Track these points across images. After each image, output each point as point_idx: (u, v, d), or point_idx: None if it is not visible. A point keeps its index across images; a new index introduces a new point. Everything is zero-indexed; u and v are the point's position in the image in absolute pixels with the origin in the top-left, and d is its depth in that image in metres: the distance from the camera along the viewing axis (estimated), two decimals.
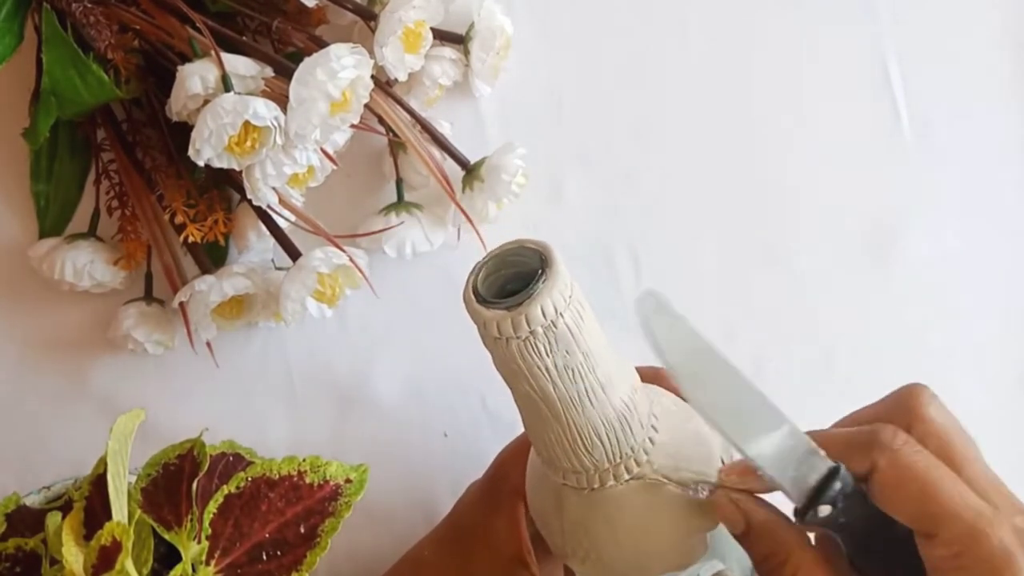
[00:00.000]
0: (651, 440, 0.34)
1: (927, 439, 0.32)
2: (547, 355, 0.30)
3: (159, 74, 0.47)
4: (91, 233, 0.49)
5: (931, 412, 0.33)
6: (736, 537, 0.34)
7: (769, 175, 0.53)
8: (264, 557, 0.37)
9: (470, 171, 0.49)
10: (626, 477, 0.33)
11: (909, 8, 0.54)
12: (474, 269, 0.32)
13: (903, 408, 0.33)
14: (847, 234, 0.53)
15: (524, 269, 0.31)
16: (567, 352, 0.30)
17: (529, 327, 0.29)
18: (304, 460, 0.39)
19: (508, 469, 0.44)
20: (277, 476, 0.39)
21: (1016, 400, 0.54)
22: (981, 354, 0.54)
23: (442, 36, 0.49)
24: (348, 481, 0.39)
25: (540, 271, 0.30)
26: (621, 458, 0.33)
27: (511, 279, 0.32)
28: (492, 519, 0.43)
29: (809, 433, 0.33)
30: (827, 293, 0.53)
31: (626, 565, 0.35)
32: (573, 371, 0.31)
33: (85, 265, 0.47)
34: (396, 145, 0.50)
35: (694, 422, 0.36)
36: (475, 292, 0.32)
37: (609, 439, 0.32)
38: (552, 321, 0.29)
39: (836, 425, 0.35)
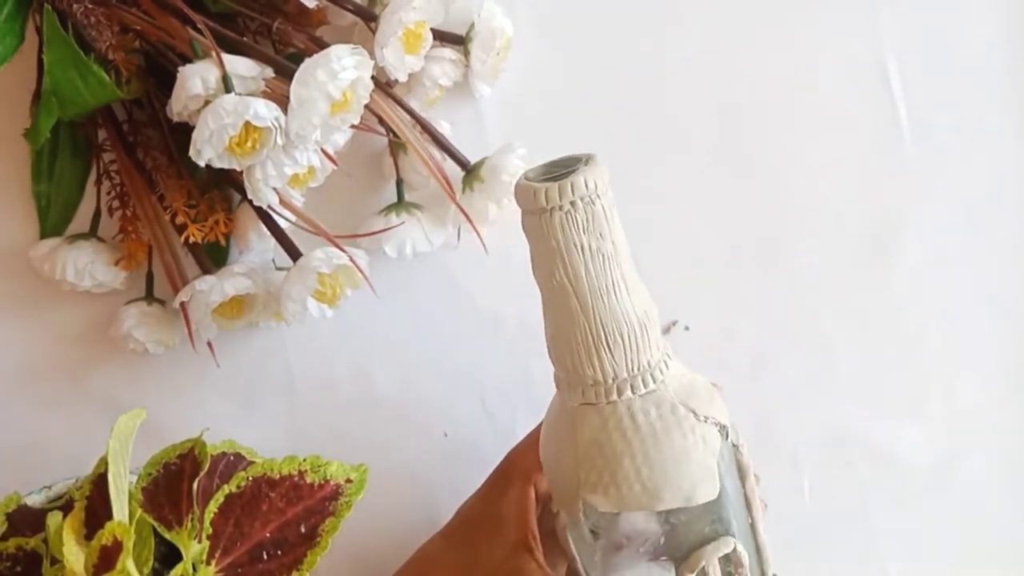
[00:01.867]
0: (666, 363, 0.36)
1: None
2: (584, 232, 0.33)
3: (160, 75, 0.47)
4: (92, 233, 0.49)
5: None
6: None
7: (769, 175, 0.53)
8: (265, 556, 0.37)
9: (470, 171, 0.49)
10: (643, 390, 0.35)
11: (909, 8, 0.54)
12: (525, 172, 0.35)
13: None
14: (847, 234, 0.53)
15: (571, 169, 0.34)
16: (600, 235, 0.33)
17: (572, 194, 0.33)
18: (305, 460, 0.39)
19: (518, 457, 0.44)
20: (278, 476, 0.39)
21: (1016, 400, 0.55)
22: (981, 354, 0.54)
23: (442, 37, 0.49)
24: (348, 481, 0.39)
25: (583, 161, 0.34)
26: (639, 369, 0.35)
27: (558, 177, 0.34)
28: (499, 505, 0.43)
29: None
30: (827, 293, 0.53)
31: (640, 487, 0.35)
32: (604, 257, 0.34)
33: (86, 265, 0.47)
34: (396, 145, 0.50)
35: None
36: (525, 177, 0.35)
37: (630, 342, 0.34)
38: (591, 197, 0.33)
39: None
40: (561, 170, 0.35)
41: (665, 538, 0.36)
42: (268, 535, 0.37)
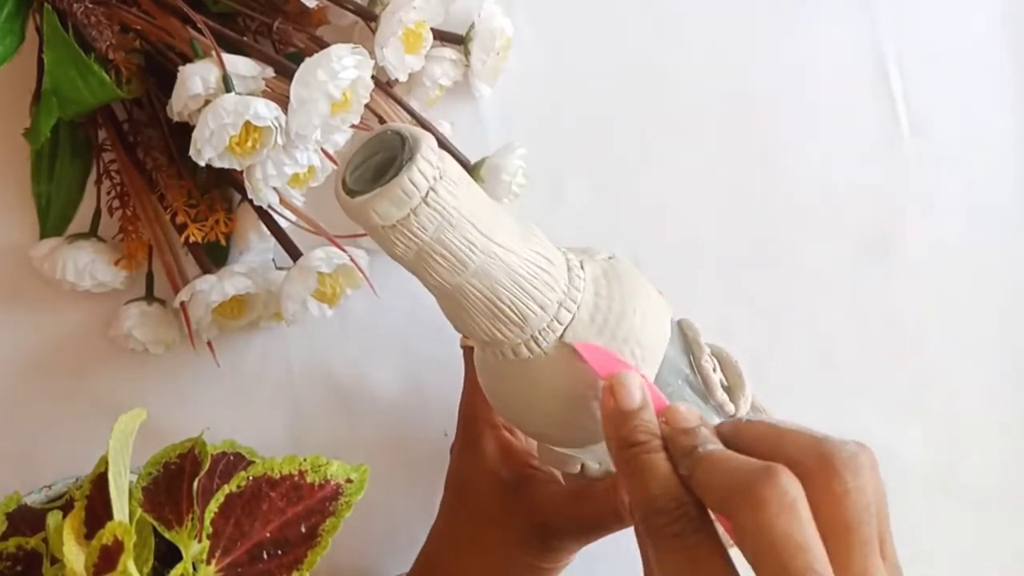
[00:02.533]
0: (567, 308, 0.34)
1: (834, 504, 0.28)
2: (429, 230, 0.30)
3: (160, 74, 0.47)
4: (92, 233, 0.49)
5: (860, 481, 0.28)
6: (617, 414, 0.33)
7: (769, 175, 0.53)
8: (265, 556, 0.37)
9: (470, 171, 0.49)
10: (578, 296, 0.34)
11: (909, 8, 0.54)
12: (338, 174, 0.31)
13: (837, 460, 0.28)
14: (847, 234, 0.53)
15: (385, 157, 0.31)
16: (451, 224, 0.30)
17: (420, 191, 0.29)
18: (305, 460, 0.39)
19: (472, 410, 0.45)
20: (278, 475, 0.39)
21: (1016, 400, 0.55)
22: (981, 354, 0.54)
23: (442, 37, 0.49)
24: (349, 481, 0.39)
25: (402, 143, 0.30)
26: (566, 293, 0.33)
27: (382, 165, 0.31)
28: (480, 458, 0.44)
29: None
30: (827, 292, 0.53)
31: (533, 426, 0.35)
32: (464, 241, 0.31)
33: (86, 265, 0.47)
34: None
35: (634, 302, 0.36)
36: (344, 187, 0.31)
37: (548, 279, 0.33)
38: (423, 199, 0.29)
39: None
40: (366, 161, 0.31)
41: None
42: (268, 535, 0.37)
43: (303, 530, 0.38)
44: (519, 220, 0.33)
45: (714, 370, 0.38)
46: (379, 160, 0.31)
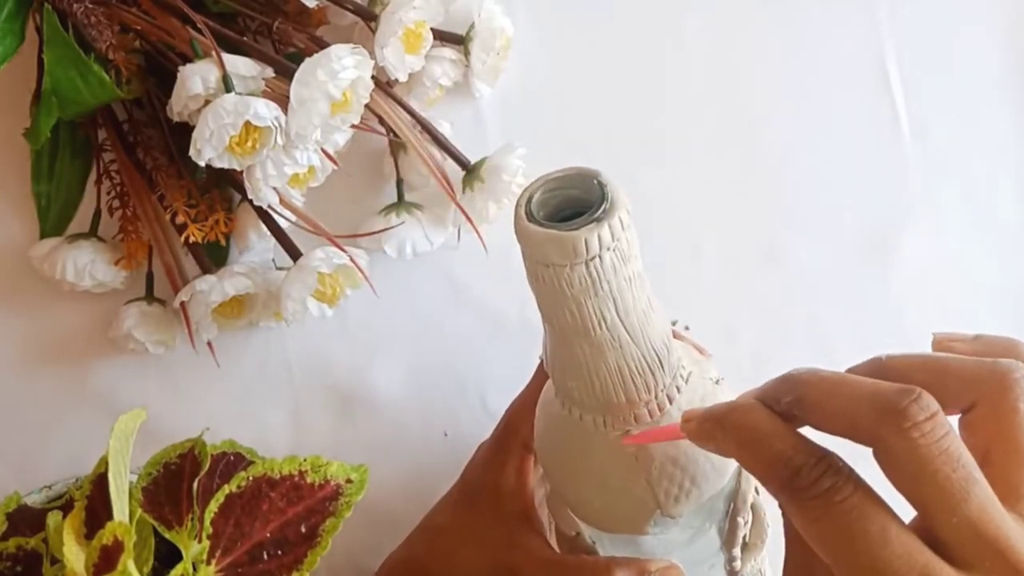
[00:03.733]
0: (650, 412, 0.33)
1: (1007, 422, 0.27)
2: (629, 260, 0.29)
3: (160, 74, 0.47)
4: (92, 233, 0.49)
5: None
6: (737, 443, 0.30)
7: (769, 175, 0.53)
8: (265, 556, 0.37)
9: (470, 171, 0.49)
10: (683, 389, 0.33)
11: (908, 8, 0.54)
12: (528, 188, 0.30)
13: (1010, 379, 0.27)
14: (847, 234, 0.53)
15: (578, 195, 0.30)
16: (638, 256, 0.30)
17: (619, 231, 0.28)
18: (305, 460, 0.39)
19: (517, 423, 0.44)
20: (278, 476, 0.39)
21: None
22: None
23: (442, 37, 0.49)
24: (349, 481, 0.39)
25: (601, 197, 0.29)
26: (674, 377, 0.33)
27: (563, 205, 0.30)
28: (499, 476, 0.43)
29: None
30: (827, 292, 0.53)
31: (712, 471, 0.34)
32: (642, 276, 0.30)
33: (86, 265, 0.47)
34: (396, 145, 0.50)
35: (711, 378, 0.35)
36: (528, 213, 0.30)
37: (669, 359, 0.32)
38: (587, 260, 0.28)
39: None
40: (558, 191, 0.31)
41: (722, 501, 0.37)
42: (268, 535, 0.37)
43: (303, 530, 0.38)
44: (662, 317, 0.33)
45: (745, 524, 0.37)
46: (571, 195, 0.30)
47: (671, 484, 0.34)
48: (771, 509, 0.39)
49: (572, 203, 0.30)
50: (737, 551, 0.37)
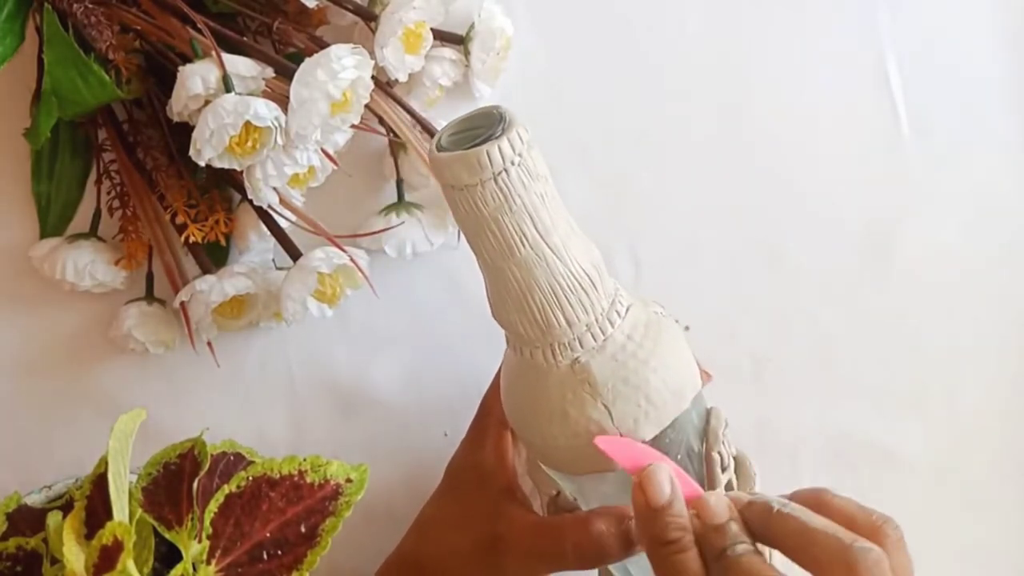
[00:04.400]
0: (593, 335, 0.35)
1: None
2: (537, 178, 0.32)
3: (160, 74, 0.47)
4: (92, 233, 0.49)
5: (905, 559, 0.31)
6: (648, 509, 0.33)
7: (769, 175, 0.53)
8: (265, 556, 0.37)
9: None
10: (623, 315, 0.35)
11: (908, 8, 0.54)
12: (440, 131, 0.34)
13: (862, 568, 0.30)
14: (847, 234, 0.53)
15: (483, 132, 0.33)
16: (546, 177, 0.33)
17: (521, 144, 0.31)
18: (305, 460, 0.39)
19: (490, 404, 0.45)
20: (278, 475, 0.39)
21: (1016, 400, 0.55)
22: (981, 354, 0.54)
23: (442, 37, 0.49)
24: (348, 481, 0.39)
25: (500, 120, 0.32)
26: (612, 300, 0.35)
27: (473, 139, 0.33)
28: (479, 455, 0.44)
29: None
30: (827, 293, 0.53)
31: (668, 393, 0.35)
32: (555, 197, 0.33)
33: (86, 265, 0.47)
34: (396, 145, 0.50)
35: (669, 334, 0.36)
36: (438, 144, 0.33)
37: (601, 274, 0.34)
38: (494, 175, 0.31)
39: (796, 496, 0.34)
40: (467, 131, 0.33)
41: (692, 434, 0.37)
42: (268, 535, 0.37)
43: (303, 530, 0.38)
44: (587, 243, 0.35)
45: (723, 469, 0.38)
46: (477, 133, 0.33)
47: (626, 404, 0.35)
48: (758, 461, 0.40)
49: (478, 140, 0.32)
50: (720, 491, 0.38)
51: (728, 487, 0.39)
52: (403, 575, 0.44)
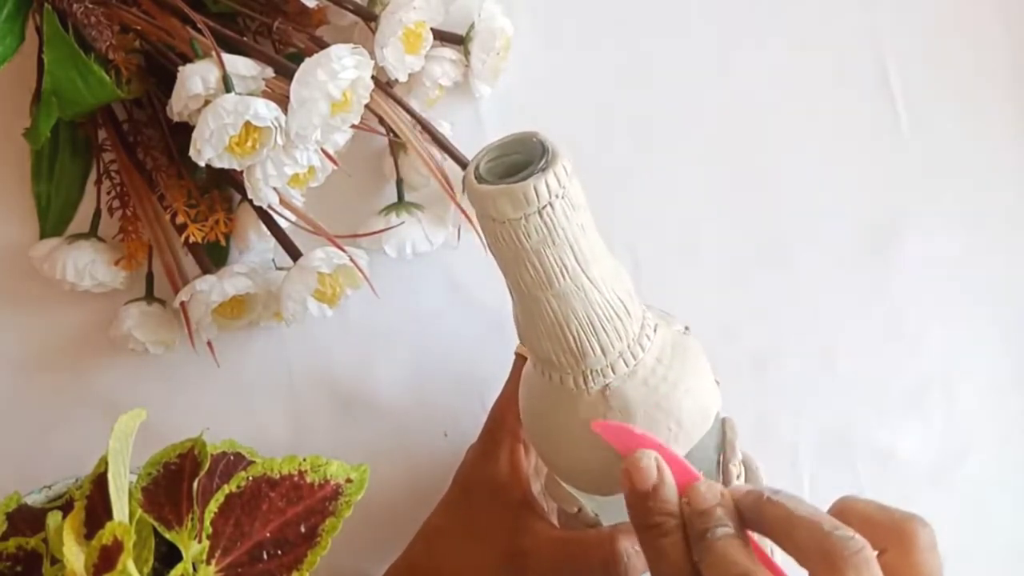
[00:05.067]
0: (626, 361, 0.35)
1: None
2: (577, 209, 0.32)
3: (160, 74, 0.47)
4: (92, 233, 0.49)
5: (929, 557, 0.32)
6: (636, 493, 0.33)
7: (768, 174, 0.53)
8: (265, 556, 0.37)
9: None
10: (648, 344, 0.35)
11: (908, 8, 0.54)
12: (475, 157, 0.33)
13: (839, 559, 0.30)
14: (846, 233, 0.53)
15: (520, 159, 0.32)
16: (584, 207, 0.32)
17: (559, 185, 0.31)
18: (305, 460, 0.39)
19: (503, 415, 0.45)
20: (278, 476, 0.39)
21: (1016, 400, 0.55)
22: (981, 354, 0.54)
23: (442, 37, 0.49)
24: (349, 481, 0.39)
25: (542, 151, 0.31)
26: (643, 325, 0.34)
27: (508, 171, 0.32)
28: (493, 468, 0.44)
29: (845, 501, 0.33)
30: (827, 292, 0.53)
31: (689, 419, 0.35)
32: (590, 225, 0.32)
33: (86, 265, 0.47)
34: (396, 145, 0.50)
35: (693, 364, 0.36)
36: (476, 172, 0.32)
37: (633, 298, 0.34)
38: (539, 209, 0.31)
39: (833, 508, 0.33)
40: (503, 157, 0.33)
41: (714, 448, 0.37)
42: (268, 535, 0.37)
43: (303, 530, 0.38)
44: (617, 267, 0.34)
45: (737, 477, 0.38)
46: (515, 160, 0.32)
47: (658, 429, 0.34)
48: (758, 460, 0.40)
49: (517, 168, 0.32)
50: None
51: None
52: None
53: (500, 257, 0.33)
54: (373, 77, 0.43)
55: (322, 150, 0.45)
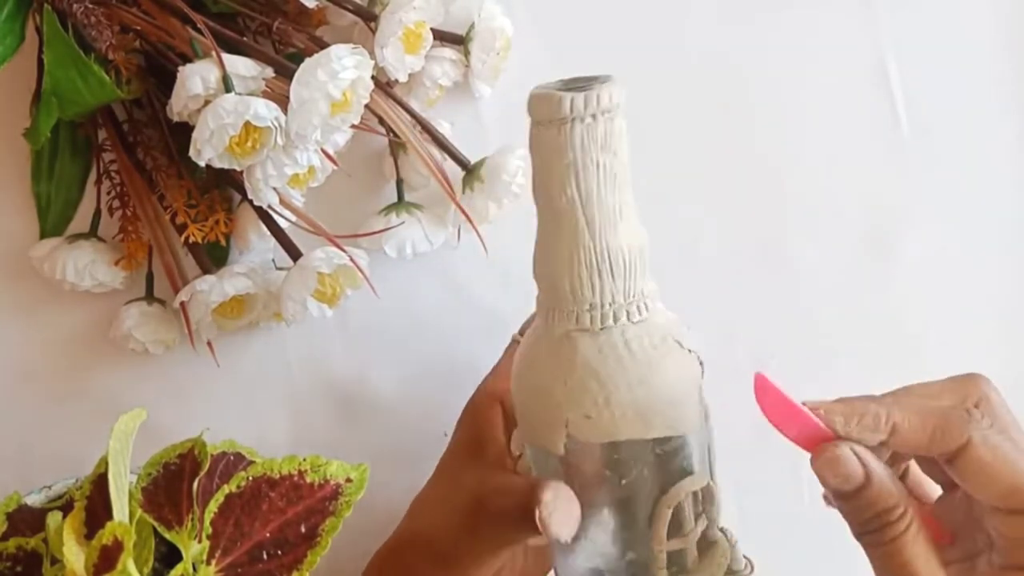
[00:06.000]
0: (654, 294, 0.36)
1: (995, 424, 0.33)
2: (602, 148, 0.33)
3: (160, 74, 0.47)
4: (92, 233, 0.49)
5: (997, 400, 0.35)
6: (843, 494, 0.34)
7: (768, 174, 0.53)
8: (265, 556, 0.37)
9: (470, 171, 0.49)
10: (637, 318, 0.35)
11: (908, 7, 0.54)
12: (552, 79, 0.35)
13: (971, 391, 0.34)
14: (846, 233, 0.53)
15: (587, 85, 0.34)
16: (615, 153, 0.33)
17: (596, 106, 0.33)
18: (305, 459, 0.39)
19: (486, 386, 0.45)
20: (278, 475, 0.39)
21: (1016, 400, 0.54)
22: (981, 354, 0.54)
23: (442, 37, 0.49)
24: (348, 480, 0.39)
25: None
26: (634, 296, 0.35)
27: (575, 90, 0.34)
28: (471, 430, 0.43)
29: (892, 396, 0.35)
30: (827, 292, 0.53)
31: (633, 412, 0.34)
32: (615, 178, 0.34)
33: (86, 265, 0.47)
34: (396, 145, 0.50)
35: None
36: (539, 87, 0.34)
37: (630, 268, 0.35)
38: (613, 112, 0.33)
39: (894, 395, 0.35)
40: (577, 86, 0.35)
41: (648, 469, 0.36)
42: (268, 535, 0.37)
43: (303, 530, 0.38)
44: (642, 233, 0.36)
45: (686, 534, 0.36)
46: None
47: (584, 395, 0.34)
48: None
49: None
50: (661, 548, 0.36)
51: (680, 557, 0.37)
52: (395, 554, 0.44)
53: (534, 165, 0.34)
54: (373, 77, 0.43)
55: (322, 150, 0.45)
